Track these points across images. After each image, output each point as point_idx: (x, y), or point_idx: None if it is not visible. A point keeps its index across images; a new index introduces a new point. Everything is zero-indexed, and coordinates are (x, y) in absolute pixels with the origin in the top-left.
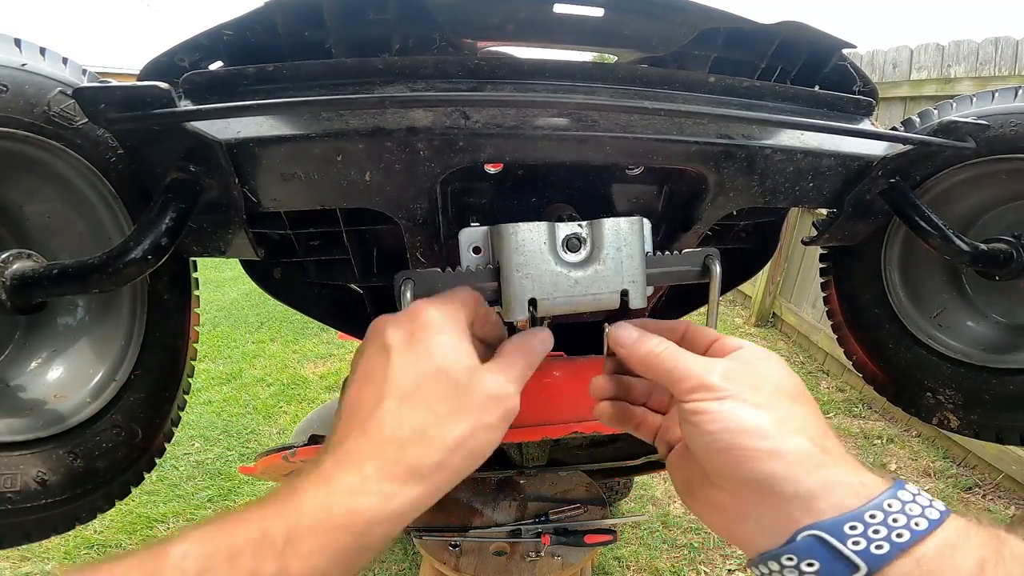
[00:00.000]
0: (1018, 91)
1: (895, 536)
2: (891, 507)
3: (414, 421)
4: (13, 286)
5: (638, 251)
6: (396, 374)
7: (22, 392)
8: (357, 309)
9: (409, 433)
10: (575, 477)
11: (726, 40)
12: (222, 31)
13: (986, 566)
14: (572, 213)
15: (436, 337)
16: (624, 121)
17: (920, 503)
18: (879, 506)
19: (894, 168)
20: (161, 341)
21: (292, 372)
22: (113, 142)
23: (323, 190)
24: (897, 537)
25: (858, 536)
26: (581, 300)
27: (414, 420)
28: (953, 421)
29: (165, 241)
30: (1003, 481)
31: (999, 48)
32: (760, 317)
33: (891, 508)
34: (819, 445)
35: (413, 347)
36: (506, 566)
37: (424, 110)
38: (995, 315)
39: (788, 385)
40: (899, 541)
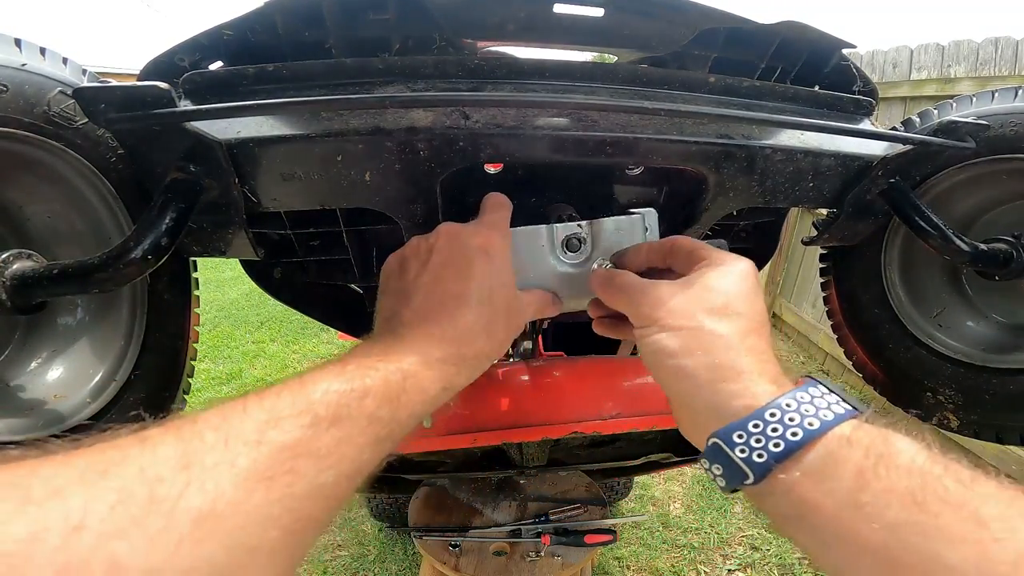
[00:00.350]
0: (1018, 91)
1: (772, 445)
2: (774, 415)
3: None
4: (13, 286)
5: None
6: (478, 278)
7: (22, 392)
8: (357, 309)
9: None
10: (575, 477)
11: (726, 40)
12: (222, 31)
13: (864, 478)
14: (572, 213)
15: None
16: (624, 121)
17: (817, 405)
18: (760, 415)
19: (894, 168)
20: (161, 341)
21: (292, 372)
22: (113, 142)
23: (323, 190)
24: (775, 447)
25: (743, 444)
26: (581, 300)
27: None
28: (953, 421)
29: (165, 241)
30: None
31: (999, 48)
32: None
33: (772, 417)
34: (727, 359)
35: (491, 261)
36: (506, 566)
37: (424, 110)
38: (995, 315)
39: (719, 301)
40: (775, 451)
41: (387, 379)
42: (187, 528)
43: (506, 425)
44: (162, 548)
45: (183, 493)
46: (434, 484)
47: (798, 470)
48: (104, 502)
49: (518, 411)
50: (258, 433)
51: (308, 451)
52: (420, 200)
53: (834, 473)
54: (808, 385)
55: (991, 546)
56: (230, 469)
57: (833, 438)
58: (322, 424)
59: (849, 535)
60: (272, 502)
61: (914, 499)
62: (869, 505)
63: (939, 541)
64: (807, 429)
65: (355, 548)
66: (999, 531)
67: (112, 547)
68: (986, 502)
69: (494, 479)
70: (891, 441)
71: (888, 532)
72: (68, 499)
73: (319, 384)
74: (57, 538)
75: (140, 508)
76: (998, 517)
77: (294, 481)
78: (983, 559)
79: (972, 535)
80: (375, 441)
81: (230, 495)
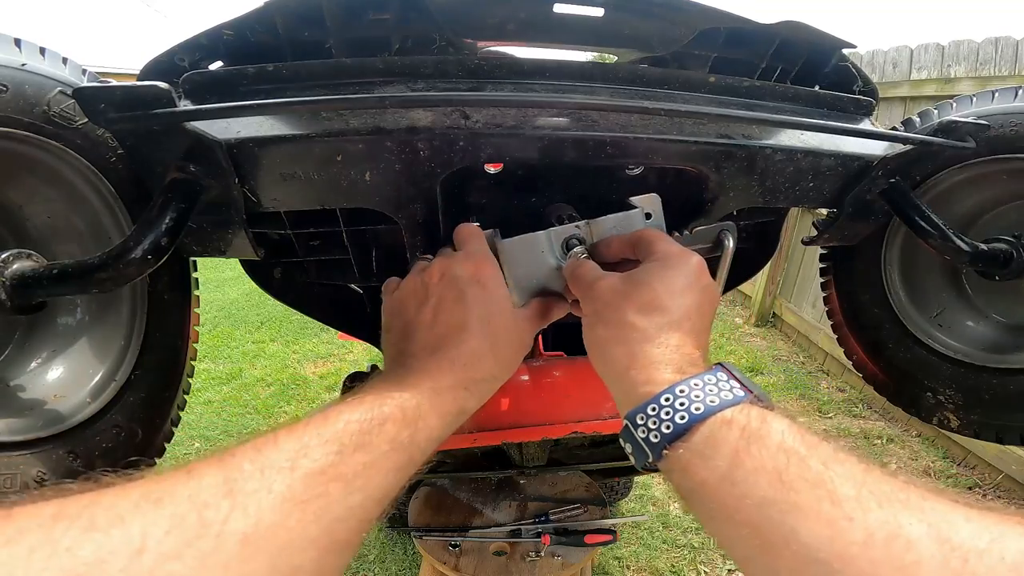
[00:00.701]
0: (1018, 91)
1: (664, 428)
2: (667, 400)
3: (485, 344)
4: (13, 286)
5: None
6: (474, 307)
7: (22, 392)
8: (357, 309)
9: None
10: (575, 477)
11: (726, 40)
12: (222, 31)
13: (739, 457)
14: (572, 213)
15: (497, 282)
16: (624, 121)
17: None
18: (657, 400)
19: (894, 168)
20: (161, 341)
21: (292, 372)
22: (113, 142)
23: (323, 190)
24: (666, 428)
25: (643, 426)
26: None
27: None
28: (953, 421)
29: (165, 241)
30: (1003, 481)
31: (999, 48)
32: (760, 317)
33: (667, 401)
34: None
35: (483, 287)
36: (506, 566)
37: (424, 110)
38: (995, 315)
39: (646, 297)
40: (666, 432)
41: (403, 406)
42: (234, 549)
43: (506, 425)
44: (212, 568)
45: (228, 517)
46: (434, 484)
47: (686, 449)
48: (160, 527)
49: (518, 411)
50: (290, 461)
51: (337, 475)
52: (420, 200)
53: (714, 452)
54: (710, 372)
55: (843, 524)
56: (268, 495)
57: (716, 420)
58: (347, 450)
59: (728, 510)
60: (308, 523)
61: (780, 477)
62: (742, 482)
63: (797, 518)
64: (692, 413)
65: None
66: (852, 510)
67: (169, 568)
68: (844, 482)
69: (494, 479)
70: (767, 422)
71: (757, 509)
72: (129, 526)
73: (342, 416)
74: (122, 560)
75: (192, 532)
76: (853, 497)
77: (327, 504)
78: (835, 537)
79: (827, 513)
80: (398, 465)
81: (269, 518)
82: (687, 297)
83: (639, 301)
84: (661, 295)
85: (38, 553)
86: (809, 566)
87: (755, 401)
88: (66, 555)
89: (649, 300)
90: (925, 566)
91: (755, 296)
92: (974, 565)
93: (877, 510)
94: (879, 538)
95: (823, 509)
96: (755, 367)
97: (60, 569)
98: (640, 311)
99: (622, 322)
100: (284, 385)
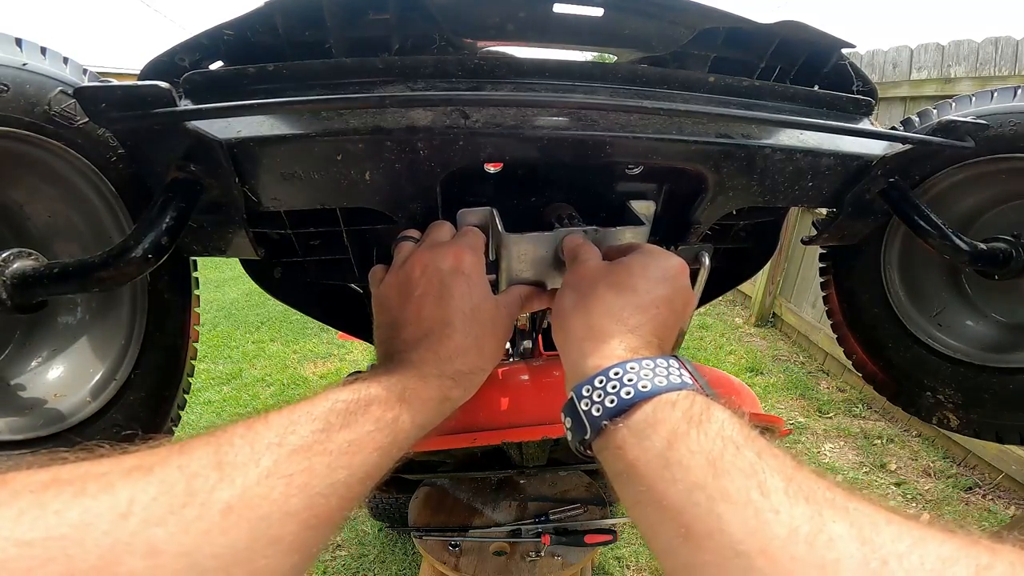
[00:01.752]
0: (1017, 91)
1: (608, 402)
2: (616, 375)
3: (469, 339)
4: (14, 285)
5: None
6: (457, 301)
7: (22, 391)
8: (357, 309)
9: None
10: (575, 477)
11: (725, 40)
12: (222, 31)
13: (676, 439)
14: (572, 212)
15: (479, 271)
16: (624, 121)
17: (658, 373)
18: (606, 373)
19: (893, 168)
20: (161, 340)
21: (292, 372)
22: (114, 141)
23: (323, 189)
24: (610, 403)
25: (587, 399)
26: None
27: (469, 338)
28: (953, 420)
29: (165, 240)
30: (1003, 481)
31: (999, 48)
32: (760, 317)
33: (616, 375)
34: (600, 323)
35: (467, 281)
36: (506, 566)
37: (424, 110)
38: (995, 314)
39: (620, 276)
40: (610, 407)
41: (389, 389)
42: (217, 518)
43: (506, 425)
44: (194, 534)
45: (215, 487)
46: (434, 484)
47: (625, 426)
48: (148, 494)
49: (518, 411)
50: (279, 437)
51: (322, 451)
52: (420, 199)
53: (652, 432)
54: (664, 357)
55: (768, 516)
56: (256, 467)
57: (660, 401)
58: (333, 428)
59: (656, 493)
60: (290, 496)
61: (712, 464)
62: (675, 465)
63: (725, 506)
64: (639, 390)
65: (355, 548)
66: (778, 502)
67: (151, 532)
68: (775, 475)
69: (494, 479)
70: (711, 410)
71: (687, 493)
72: (117, 492)
73: (330, 396)
74: (106, 523)
75: (179, 500)
76: (782, 490)
77: (311, 478)
78: (760, 528)
79: (755, 503)
80: (381, 446)
81: (255, 489)
82: (659, 286)
83: (612, 279)
84: (635, 277)
85: (27, 515)
86: (730, 560)
87: (701, 390)
88: (53, 517)
89: (622, 280)
90: (845, 565)
91: (755, 296)
92: (893, 567)
93: (803, 505)
94: (802, 533)
95: (752, 498)
96: (755, 367)
97: (46, 529)
98: (610, 287)
99: (590, 294)
100: (284, 385)
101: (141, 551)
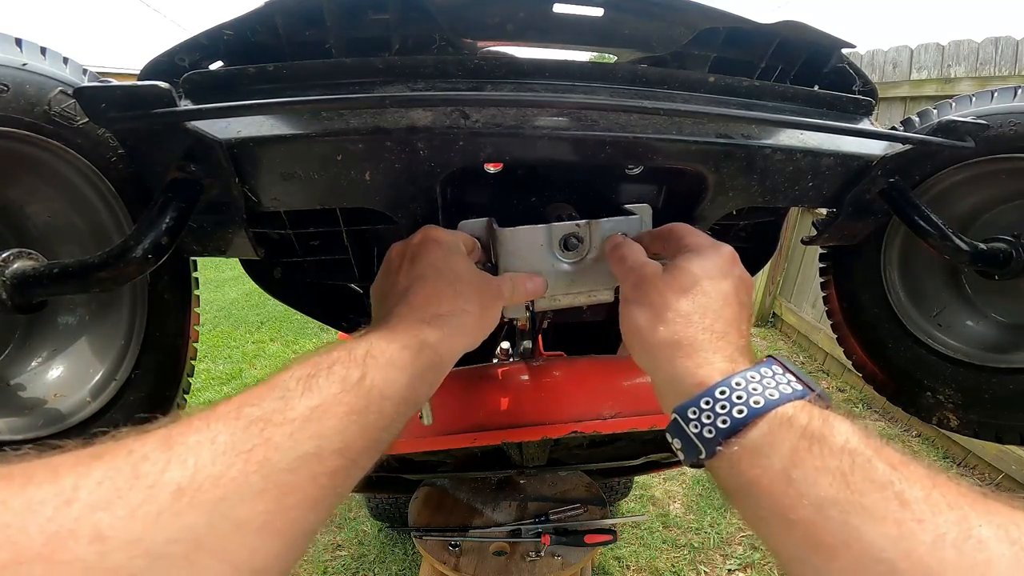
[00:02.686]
0: (1017, 91)
1: (720, 423)
2: (723, 393)
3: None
4: (14, 285)
5: None
6: (430, 259)
7: (22, 391)
8: (357, 309)
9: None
10: (575, 477)
11: (725, 40)
12: (222, 31)
13: (799, 456)
14: (572, 212)
15: (443, 242)
16: (624, 121)
17: (765, 385)
18: (712, 393)
19: (893, 168)
20: (161, 340)
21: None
22: (114, 142)
23: (323, 190)
24: (722, 423)
25: (696, 420)
26: (577, 296)
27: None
28: (953, 420)
29: (165, 240)
30: (1003, 481)
31: (999, 48)
32: (760, 317)
33: (722, 395)
34: (687, 336)
35: (437, 242)
36: (506, 566)
37: (424, 110)
38: (995, 314)
39: (687, 281)
40: (723, 427)
41: (352, 348)
42: (167, 501)
43: (506, 425)
44: (142, 519)
45: (165, 469)
46: (434, 484)
47: (741, 446)
48: (93, 479)
49: (518, 411)
50: (236, 411)
51: (281, 420)
52: (420, 200)
53: (771, 450)
54: (764, 364)
55: (912, 526)
56: (210, 445)
57: (775, 417)
58: (293, 394)
59: (781, 510)
60: (250, 473)
61: (843, 478)
62: (800, 482)
63: (862, 518)
64: (752, 407)
65: (355, 548)
66: (921, 512)
67: (96, 518)
68: (912, 485)
69: (494, 479)
70: (830, 423)
71: (815, 509)
72: (62, 479)
73: (291, 367)
74: (50, 510)
75: (124, 483)
76: (922, 499)
77: (271, 453)
78: (903, 537)
79: (894, 514)
80: (353, 409)
81: (209, 469)
82: (724, 283)
83: (678, 285)
84: (700, 279)
85: None
86: (869, 566)
87: (815, 399)
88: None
89: (688, 284)
90: (996, 564)
91: (755, 296)
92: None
93: (947, 512)
94: (950, 539)
95: (891, 510)
96: None
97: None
98: (679, 293)
99: (661, 305)
100: None
101: (87, 536)
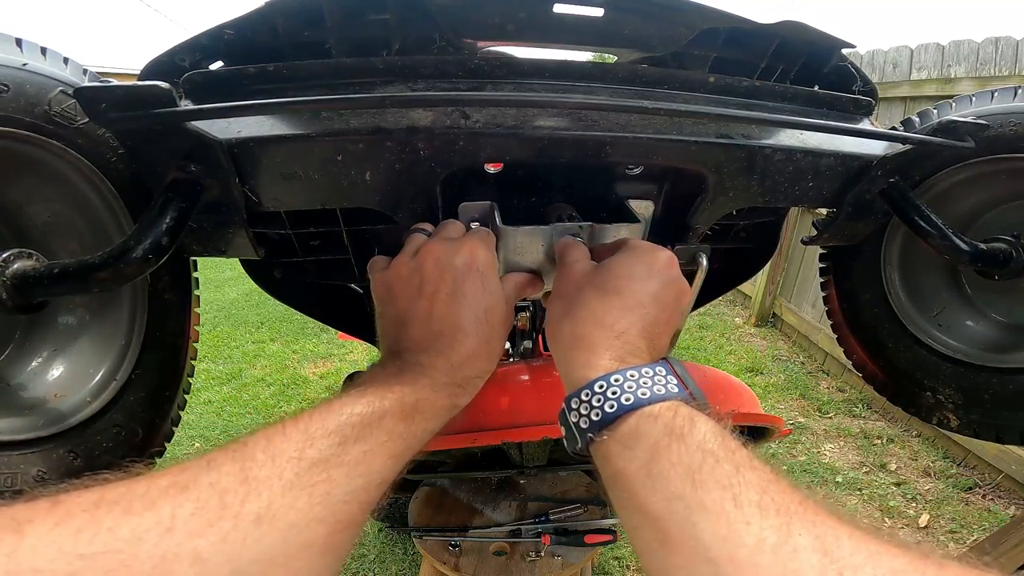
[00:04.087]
0: (1017, 91)
1: (594, 415)
2: (601, 388)
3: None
4: (14, 285)
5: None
6: (471, 301)
7: (22, 391)
8: (357, 309)
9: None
10: (575, 477)
11: (725, 40)
12: (223, 31)
13: (658, 452)
14: (572, 212)
15: (493, 271)
16: (624, 121)
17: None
18: (591, 386)
19: (893, 168)
20: (161, 340)
21: (292, 372)
22: (114, 142)
23: (323, 190)
24: (595, 416)
25: (576, 411)
26: None
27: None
28: (953, 420)
29: (166, 240)
30: (1003, 481)
31: (999, 48)
32: (760, 317)
33: (600, 389)
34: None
35: (482, 279)
36: (506, 566)
37: (424, 110)
38: (995, 314)
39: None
40: (595, 419)
41: (402, 401)
42: (250, 527)
43: (506, 425)
44: (232, 543)
45: (244, 500)
46: (434, 484)
47: (611, 438)
48: (187, 510)
49: (518, 411)
50: (298, 452)
51: (340, 463)
52: (420, 200)
53: (636, 444)
54: (651, 365)
55: (740, 527)
56: (279, 481)
57: (643, 414)
58: (349, 441)
59: (639, 502)
60: (314, 505)
61: (691, 476)
62: (656, 477)
63: (700, 515)
64: (622, 403)
65: (355, 548)
66: (750, 515)
67: (195, 543)
68: (749, 488)
69: (494, 479)
70: (694, 422)
71: (665, 504)
72: (160, 509)
73: (344, 408)
74: (155, 537)
75: (214, 513)
76: (755, 503)
77: (331, 488)
78: (730, 538)
79: (728, 515)
80: (394, 453)
81: (280, 501)
82: (646, 284)
83: (597, 283)
84: (619, 278)
85: (84, 532)
86: (700, 565)
87: (688, 400)
88: (107, 534)
89: (606, 282)
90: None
91: (755, 296)
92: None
93: (774, 517)
94: (769, 544)
95: (726, 509)
96: (755, 367)
97: (103, 544)
98: (596, 292)
99: (576, 300)
100: (284, 385)
101: (188, 559)
